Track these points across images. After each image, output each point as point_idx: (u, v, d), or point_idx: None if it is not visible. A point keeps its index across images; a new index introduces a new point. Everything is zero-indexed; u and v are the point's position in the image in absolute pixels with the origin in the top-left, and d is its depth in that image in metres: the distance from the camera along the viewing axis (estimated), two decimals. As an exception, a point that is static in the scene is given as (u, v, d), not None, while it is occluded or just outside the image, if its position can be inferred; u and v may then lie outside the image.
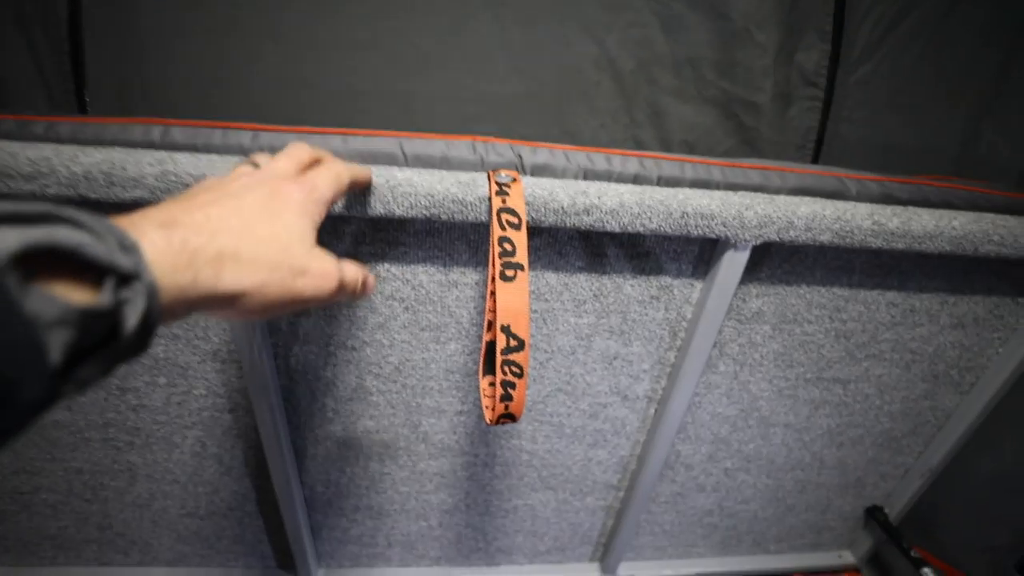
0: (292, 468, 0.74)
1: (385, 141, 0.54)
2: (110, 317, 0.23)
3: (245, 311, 0.31)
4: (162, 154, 0.48)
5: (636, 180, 0.57)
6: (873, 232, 0.57)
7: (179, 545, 0.86)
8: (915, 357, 0.75)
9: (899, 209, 0.59)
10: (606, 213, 0.52)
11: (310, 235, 0.35)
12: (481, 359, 0.51)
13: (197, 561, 0.89)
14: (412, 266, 0.58)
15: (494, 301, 0.47)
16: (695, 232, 0.54)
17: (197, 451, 0.73)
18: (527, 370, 0.47)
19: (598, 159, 0.57)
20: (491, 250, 0.47)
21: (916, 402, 0.80)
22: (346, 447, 0.75)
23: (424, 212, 0.50)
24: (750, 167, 0.60)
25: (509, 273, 0.46)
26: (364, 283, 0.40)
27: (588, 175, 0.57)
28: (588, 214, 0.52)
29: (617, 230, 0.53)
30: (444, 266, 0.59)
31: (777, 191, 0.59)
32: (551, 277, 0.61)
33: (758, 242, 0.56)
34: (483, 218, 0.51)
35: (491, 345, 0.49)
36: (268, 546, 0.87)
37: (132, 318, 0.23)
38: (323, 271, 0.35)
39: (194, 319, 0.61)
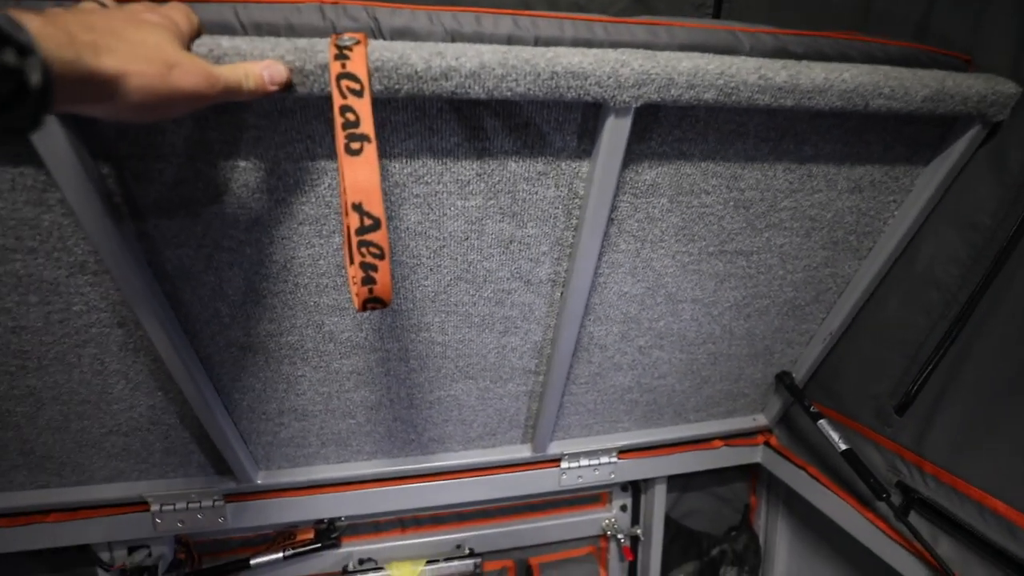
0: (201, 377, 0.73)
1: (217, 8, 0.48)
2: (17, 75, 0.28)
3: (128, 102, 0.36)
4: None
5: (511, 42, 0.52)
6: (760, 88, 0.54)
7: (112, 462, 0.87)
8: (814, 224, 0.75)
9: (789, 62, 0.56)
10: (466, 77, 0.48)
11: (177, 43, 0.39)
12: (345, 246, 0.49)
13: (135, 475, 0.90)
14: (271, 152, 0.54)
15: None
16: (569, 95, 0.51)
17: (97, 369, 0.71)
18: (387, 250, 0.45)
19: (466, 20, 0.52)
20: (334, 121, 0.43)
21: (817, 270, 0.82)
22: (252, 352, 0.74)
23: None
24: (636, 23, 0.55)
25: (355, 146, 0.43)
26: (269, 71, 0.44)
27: (456, 39, 0.52)
28: (447, 79, 0.48)
29: (483, 96, 0.49)
30: (307, 150, 0.55)
31: (666, 48, 0.55)
32: (427, 158, 0.57)
33: (639, 103, 0.53)
34: (329, 89, 0.46)
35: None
36: (201, 455, 0.89)
37: (34, 78, 0.29)
38: (197, 67, 0.39)
39: (47, 230, 0.57)
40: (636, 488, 1.16)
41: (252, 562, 0.97)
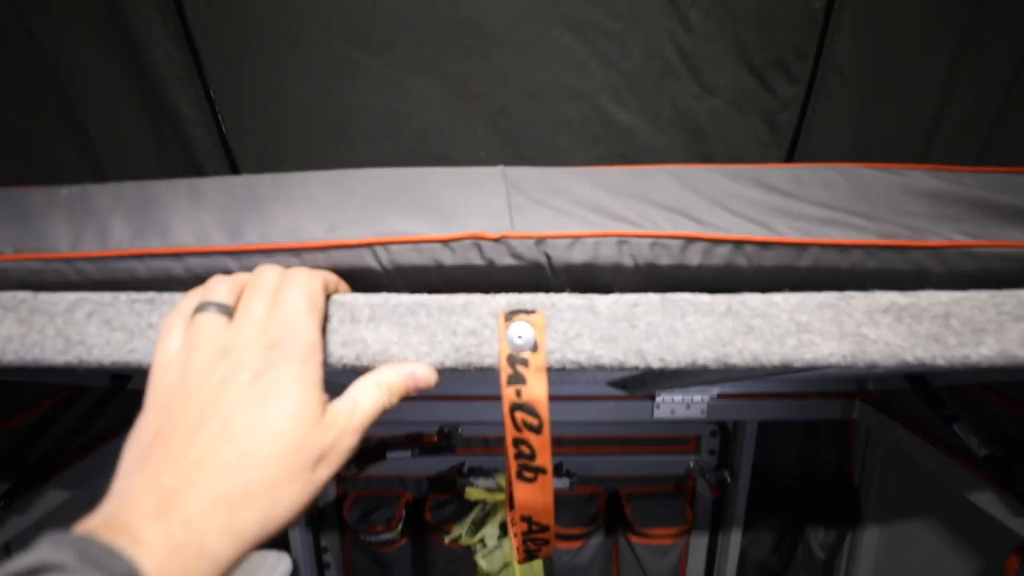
0: None
1: (355, 252, 0.38)
2: None
3: (279, 529, 0.29)
4: (78, 347, 0.37)
5: (725, 271, 0.39)
6: None
7: None
8: None
9: None
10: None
11: (314, 401, 0.31)
12: (507, 496, 0.49)
13: None
14: None
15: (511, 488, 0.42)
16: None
17: None
18: (553, 536, 0.46)
19: (667, 251, 0.38)
20: (506, 447, 0.39)
21: None
22: None
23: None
24: (893, 244, 0.38)
25: (528, 475, 0.39)
26: (415, 381, 0.36)
27: (651, 273, 0.39)
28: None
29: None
30: None
31: (945, 276, 0.39)
32: None
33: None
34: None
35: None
36: None
37: None
38: (341, 435, 0.31)
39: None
40: (725, 434, 1.24)
41: (388, 455, 1.23)
